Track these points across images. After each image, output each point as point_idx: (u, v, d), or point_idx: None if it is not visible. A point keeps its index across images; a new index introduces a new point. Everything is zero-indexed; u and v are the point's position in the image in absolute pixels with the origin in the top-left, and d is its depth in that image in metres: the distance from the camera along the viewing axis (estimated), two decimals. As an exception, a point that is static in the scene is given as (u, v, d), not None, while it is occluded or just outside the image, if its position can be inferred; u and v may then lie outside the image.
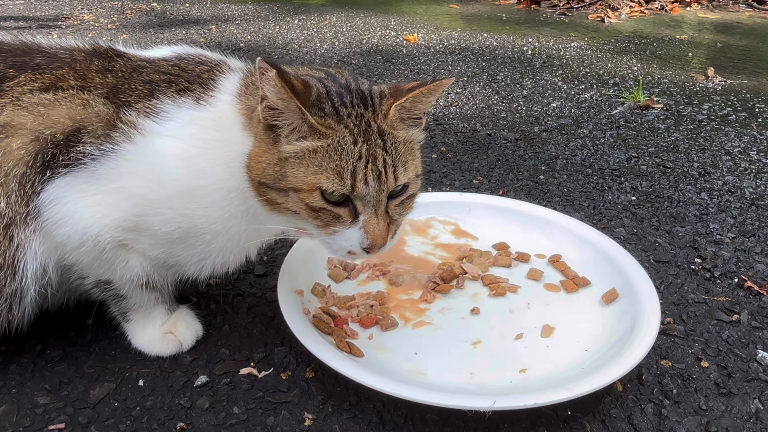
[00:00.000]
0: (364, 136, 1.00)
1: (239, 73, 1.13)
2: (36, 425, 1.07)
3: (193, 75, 1.10)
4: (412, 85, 1.07)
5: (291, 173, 0.99)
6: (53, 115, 1.02)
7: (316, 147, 0.98)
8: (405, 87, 1.07)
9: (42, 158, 1.01)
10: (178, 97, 1.06)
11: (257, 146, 1.02)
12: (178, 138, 1.04)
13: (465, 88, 2.91)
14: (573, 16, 4.63)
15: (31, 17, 4.20)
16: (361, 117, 1.01)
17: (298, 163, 0.99)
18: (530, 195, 1.91)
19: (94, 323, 1.27)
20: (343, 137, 0.99)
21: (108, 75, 1.08)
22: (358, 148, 0.99)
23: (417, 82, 1.08)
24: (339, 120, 0.99)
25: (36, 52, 1.11)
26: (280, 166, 1.00)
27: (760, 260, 1.59)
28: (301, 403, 1.12)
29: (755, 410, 1.13)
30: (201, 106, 1.07)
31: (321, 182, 0.98)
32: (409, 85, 1.07)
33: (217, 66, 1.14)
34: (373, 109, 1.03)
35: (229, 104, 1.07)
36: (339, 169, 0.98)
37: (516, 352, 1.21)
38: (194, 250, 1.11)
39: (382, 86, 1.08)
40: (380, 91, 1.06)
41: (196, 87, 1.08)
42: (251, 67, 1.13)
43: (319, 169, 0.98)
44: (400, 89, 1.07)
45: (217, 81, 1.10)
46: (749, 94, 2.88)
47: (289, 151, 0.99)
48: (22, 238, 1.03)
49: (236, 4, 4.86)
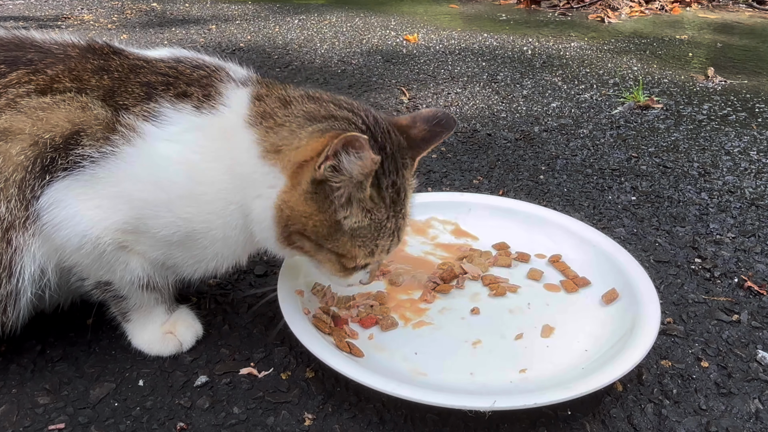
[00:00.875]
0: (394, 209, 1.08)
1: (244, 88, 1.12)
2: (36, 425, 1.07)
3: (191, 79, 1.10)
4: (421, 132, 1.15)
5: (341, 241, 1.06)
6: (52, 118, 1.01)
7: (366, 224, 1.05)
8: (417, 135, 1.15)
9: (41, 162, 1.00)
10: (178, 102, 1.06)
11: (301, 201, 1.03)
12: (179, 143, 1.04)
13: (465, 88, 2.91)
14: (573, 16, 4.63)
15: (31, 17, 4.20)
16: (394, 186, 1.07)
17: (350, 234, 1.05)
18: (530, 195, 1.91)
19: (94, 323, 1.27)
20: (381, 213, 1.06)
21: (104, 76, 1.07)
22: (391, 225, 1.08)
23: (423, 126, 1.15)
24: (379, 192, 1.05)
25: (29, 46, 1.10)
26: (334, 230, 1.05)
27: (760, 260, 1.59)
28: (301, 403, 1.12)
29: (755, 410, 1.13)
30: (202, 114, 1.06)
31: (360, 256, 1.08)
32: (418, 132, 1.15)
33: (216, 72, 1.13)
34: (403, 171, 1.10)
35: (237, 124, 1.06)
36: (375, 248, 1.08)
37: (516, 352, 1.21)
38: (191, 252, 1.11)
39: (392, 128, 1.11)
40: (399, 143, 1.11)
41: (194, 91, 1.08)
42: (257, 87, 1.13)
43: (363, 245, 1.07)
44: (414, 140, 1.14)
45: (220, 90, 1.09)
46: (749, 94, 2.88)
47: (347, 225, 1.04)
48: (20, 241, 1.02)
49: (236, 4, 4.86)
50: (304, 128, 1.04)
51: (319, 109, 1.07)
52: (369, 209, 1.04)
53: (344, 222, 1.04)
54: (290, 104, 1.08)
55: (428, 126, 1.15)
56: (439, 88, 2.90)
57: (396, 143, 1.09)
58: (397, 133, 1.11)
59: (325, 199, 1.02)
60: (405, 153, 1.11)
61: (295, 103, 1.08)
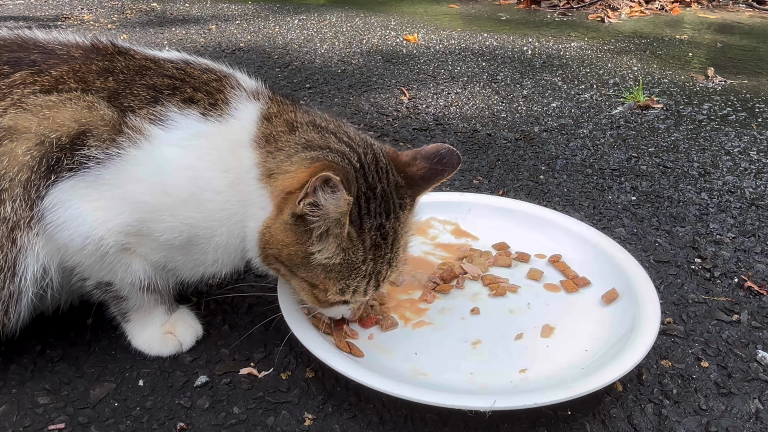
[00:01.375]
0: (375, 252, 1.06)
1: (255, 102, 1.11)
2: (36, 425, 1.07)
3: (199, 82, 1.10)
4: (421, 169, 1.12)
5: (314, 272, 1.06)
6: (58, 117, 1.01)
7: (338, 261, 1.04)
8: (416, 173, 1.12)
9: (47, 162, 1.00)
10: (185, 107, 1.06)
11: (281, 230, 1.04)
12: (186, 148, 1.04)
13: (465, 88, 2.91)
14: (573, 16, 4.63)
15: (31, 17, 4.20)
16: (380, 228, 1.06)
17: (322, 268, 1.05)
18: (530, 195, 1.91)
19: (94, 323, 1.27)
20: (357, 254, 1.05)
21: (109, 78, 1.07)
22: (366, 267, 1.06)
23: (424, 164, 1.13)
24: (360, 233, 1.04)
25: (32, 47, 1.09)
26: (306, 260, 1.05)
27: (760, 260, 1.59)
28: (301, 403, 1.12)
29: (755, 410, 1.13)
30: (209, 121, 1.06)
31: (331, 291, 1.07)
32: (418, 170, 1.13)
33: (227, 78, 1.13)
34: (395, 214, 1.08)
35: (245, 141, 1.07)
36: (347, 288, 1.07)
37: (516, 352, 1.21)
38: (192, 257, 1.11)
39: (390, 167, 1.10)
40: (396, 183, 1.09)
41: (201, 96, 1.07)
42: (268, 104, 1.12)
43: (335, 281, 1.06)
44: (413, 178, 1.12)
45: (229, 98, 1.09)
46: (749, 94, 2.88)
47: (318, 259, 1.04)
48: (24, 241, 1.02)
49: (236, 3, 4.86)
50: (298, 155, 1.05)
51: (318, 139, 1.07)
52: (344, 248, 1.03)
53: (316, 255, 1.03)
54: (295, 131, 1.08)
55: (429, 164, 1.13)
56: (439, 88, 2.90)
57: (392, 183, 1.08)
58: (395, 173, 1.10)
59: (303, 232, 1.02)
60: (403, 193, 1.09)
61: (300, 130, 1.08)
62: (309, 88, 2.85)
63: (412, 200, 1.11)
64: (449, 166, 1.13)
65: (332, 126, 1.12)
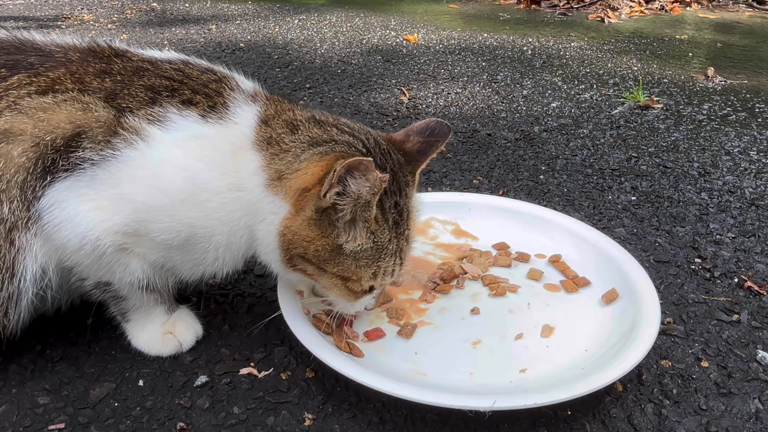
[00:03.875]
0: (396, 230, 1.08)
1: (254, 104, 1.12)
2: (36, 425, 1.07)
3: (198, 84, 1.10)
4: (416, 144, 1.14)
5: (345, 264, 1.06)
6: (53, 119, 1.01)
7: (368, 246, 1.05)
8: (412, 148, 1.14)
9: (42, 164, 1.00)
10: (184, 108, 1.06)
11: (304, 227, 1.04)
12: (184, 149, 1.04)
13: (465, 88, 2.91)
14: (573, 16, 4.63)
15: (31, 17, 4.20)
16: (396, 206, 1.08)
17: (353, 257, 1.06)
18: (530, 195, 1.91)
19: (94, 323, 1.27)
20: (384, 234, 1.06)
21: (106, 79, 1.07)
22: (392, 246, 1.08)
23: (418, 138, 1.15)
24: (383, 213, 1.06)
25: (30, 50, 1.09)
26: (336, 253, 1.05)
27: (760, 260, 1.59)
28: (301, 403, 1.12)
29: (755, 410, 1.13)
30: (208, 122, 1.06)
31: (365, 278, 1.08)
32: (413, 145, 1.14)
33: (226, 80, 1.13)
34: (405, 190, 1.10)
35: (245, 144, 1.07)
36: (378, 270, 1.08)
37: (516, 352, 1.21)
38: (191, 256, 1.11)
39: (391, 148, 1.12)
40: (399, 161, 1.11)
41: (200, 98, 1.07)
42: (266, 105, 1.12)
43: (366, 266, 1.07)
44: (410, 153, 1.13)
45: (228, 101, 1.09)
46: (749, 94, 2.88)
47: (349, 248, 1.05)
48: (23, 241, 1.02)
49: (236, 3, 4.86)
50: (305, 153, 1.05)
51: (322, 134, 1.08)
52: (373, 231, 1.05)
53: (346, 245, 1.04)
54: (297, 129, 1.09)
55: (422, 137, 1.15)
56: (439, 88, 2.90)
57: (396, 162, 1.10)
58: (395, 152, 1.12)
59: (329, 224, 1.03)
60: (405, 170, 1.12)
61: (302, 128, 1.09)
62: (309, 88, 2.85)
63: (413, 175, 1.14)
64: (441, 135, 1.16)
65: (331, 119, 1.13)
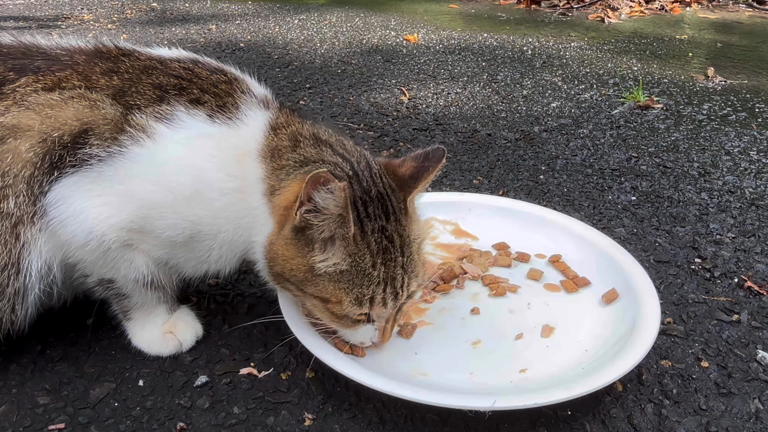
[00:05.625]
0: (384, 256, 1.04)
1: (265, 110, 1.11)
2: (36, 425, 1.07)
3: (207, 84, 1.10)
4: (409, 169, 1.11)
5: (322, 285, 1.03)
6: (60, 116, 1.02)
7: (346, 268, 1.02)
8: (405, 173, 1.11)
9: (50, 159, 1.01)
10: (192, 107, 1.06)
11: (282, 245, 1.04)
12: (191, 147, 1.04)
13: (465, 88, 2.91)
14: (573, 16, 4.63)
15: (31, 17, 4.20)
16: (383, 230, 1.04)
17: (329, 278, 1.03)
18: (530, 195, 1.91)
19: (94, 323, 1.27)
20: (365, 258, 1.02)
21: (114, 77, 1.07)
22: (378, 273, 1.04)
23: (412, 163, 1.12)
24: (363, 236, 1.02)
25: (36, 54, 1.10)
26: (311, 274, 1.03)
27: (760, 260, 1.59)
28: (301, 403, 1.12)
29: (755, 410, 1.13)
30: (216, 123, 1.06)
31: (345, 302, 1.04)
32: (406, 170, 1.11)
33: (237, 82, 1.13)
34: (395, 216, 1.06)
35: (252, 151, 1.07)
36: (361, 296, 1.03)
37: (516, 352, 1.21)
38: (195, 254, 1.11)
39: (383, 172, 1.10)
40: (390, 186, 1.08)
41: (209, 98, 1.08)
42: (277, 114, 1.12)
43: (347, 291, 1.03)
44: (402, 179, 1.10)
45: (239, 102, 1.09)
46: (749, 94, 2.88)
47: (323, 268, 1.02)
48: (28, 236, 1.03)
49: (236, 3, 4.86)
50: (294, 172, 1.05)
51: (315, 154, 1.07)
52: (351, 253, 1.02)
53: (320, 265, 1.02)
54: (297, 146, 1.08)
55: (416, 162, 1.13)
56: (439, 88, 2.90)
57: (386, 187, 1.08)
58: (387, 176, 1.10)
59: (305, 245, 1.02)
60: (397, 196, 1.09)
61: (301, 145, 1.08)
62: (309, 88, 2.85)
63: (404, 201, 1.10)
64: (434, 161, 1.13)
65: (333, 139, 1.12)
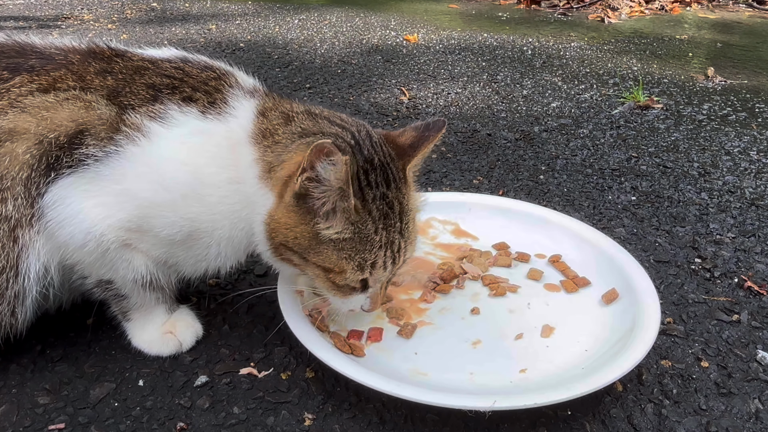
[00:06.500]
0: (385, 222, 1.06)
1: (252, 99, 1.12)
2: (36, 425, 1.07)
3: (198, 81, 1.10)
4: (409, 138, 1.13)
5: (325, 254, 1.04)
6: (56, 118, 1.02)
7: (348, 236, 1.03)
8: (405, 142, 1.13)
9: (46, 161, 1.01)
10: (185, 105, 1.07)
11: (284, 214, 1.04)
12: (185, 144, 1.05)
13: (465, 88, 2.91)
14: (573, 16, 4.63)
15: (31, 17, 4.20)
16: (384, 197, 1.05)
17: (333, 246, 1.04)
18: (530, 195, 1.91)
19: (94, 323, 1.27)
20: (367, 225, 1.04)
21: (107, 77, 1.08)
22: (380, 237, 1.05)
23: (412, 133, 1.14)
24: (364, 204, 1.03)
25: (30, 52, 1.10)
26: (315, 242, 1.04)
27: (760, 260, 1.59)
28: (301, 403, 1.12)
29: (755, 410, 1.13)
30: (208, 119, 1.07)
31: (348, 270, 1.05)
32: (406, 139, 1.13)
33: (225, 77, 1.13)
34: (396, 184, 1.08)
35: (242, 138, 1.07)
36: (363, 262, 1.05)
37: (516, 352, 1.21)
38: (194, 252, 1.11)
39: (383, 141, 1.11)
40: (390, 154, 1.09)
41: (200, 96, 1.08)
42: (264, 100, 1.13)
43: (349, 258, 1.04)
44: (402, 148, 1.12)
45: (228, 97, 1.10)
46: (749, 94, 2.88)
47: (327, 236, 1.03)
48: (26, 239, 1.03)
49: (236, 3, 4.86)
50: (293, 144, 1.05)
51: (312, 126, 1.08)
52: (353, 221, 1.03)
53: (324, 233, 1.03)
54: (291, 121, 1.09)
55: (416, 132, 1.15)
56: (439, 88, 2.90)
57: (386, 155, 1.09)
58: (387, 145, 1.11)
59: (306, 211, 1.02)
60: (396, 164, 1.10)
61: (295, 120, 1.09)
62: (309, 88, 2.85)
63: (405, 170, 1.11)
64: (435, 130, 1.14)
65: (326, 113, 1.13)
